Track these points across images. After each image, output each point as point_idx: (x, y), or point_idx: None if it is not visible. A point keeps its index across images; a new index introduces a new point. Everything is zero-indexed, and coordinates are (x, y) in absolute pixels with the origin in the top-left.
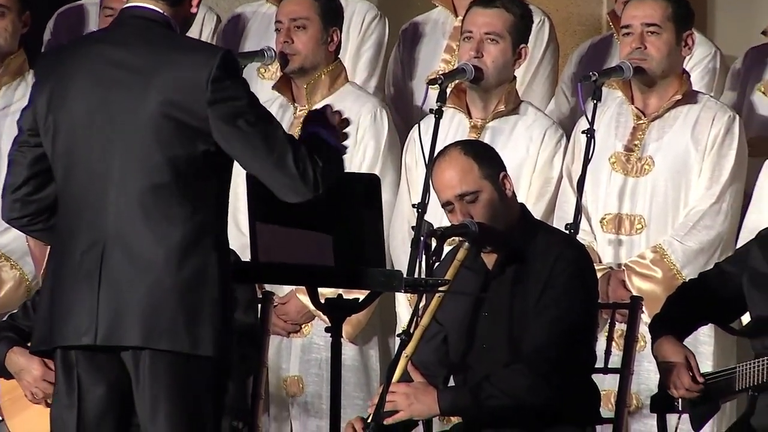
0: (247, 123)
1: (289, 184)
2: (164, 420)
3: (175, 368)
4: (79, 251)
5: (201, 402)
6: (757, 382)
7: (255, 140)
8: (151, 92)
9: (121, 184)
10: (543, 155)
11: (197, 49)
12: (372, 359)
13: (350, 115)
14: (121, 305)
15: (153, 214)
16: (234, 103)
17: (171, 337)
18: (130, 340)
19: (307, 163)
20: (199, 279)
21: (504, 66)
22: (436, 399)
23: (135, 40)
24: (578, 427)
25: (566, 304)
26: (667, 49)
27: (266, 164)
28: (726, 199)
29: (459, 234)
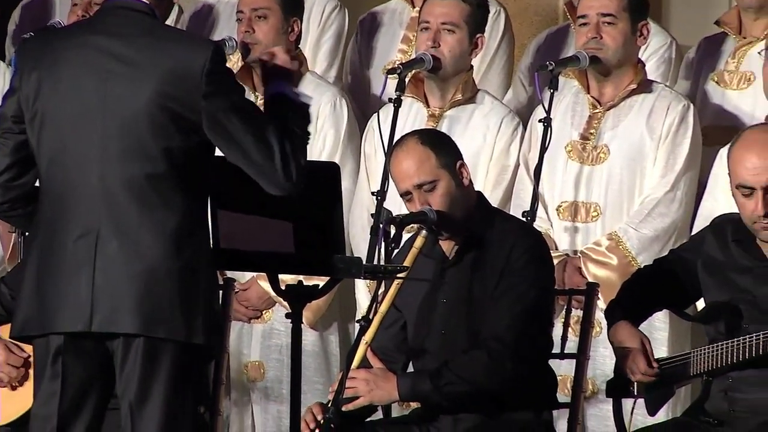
0: (238, 117)
1: (273, 181)
2: (156, 406)
3: (170, 355)
4: (71, 239)
5: (190, 388)
6: (711, 367)
7: (244, 137)
8: (145, 83)
9: (115, 173)
10: (500, 143)
11: (190, 42)
12: (332, 345)
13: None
14: (117, 293)
15: (148, 203)
16: (227, 96)
17: (168, 326)
18: (126, 328)
19: (291, 162)
20: (193, 267)
21: (461, 55)
22: (396, 385)
23: (128, 30)
24: (535, 412)
25: (523, 291)
26: (623, 38)
27: (253, 162)
28: (680, 187)
29: (418, 221)
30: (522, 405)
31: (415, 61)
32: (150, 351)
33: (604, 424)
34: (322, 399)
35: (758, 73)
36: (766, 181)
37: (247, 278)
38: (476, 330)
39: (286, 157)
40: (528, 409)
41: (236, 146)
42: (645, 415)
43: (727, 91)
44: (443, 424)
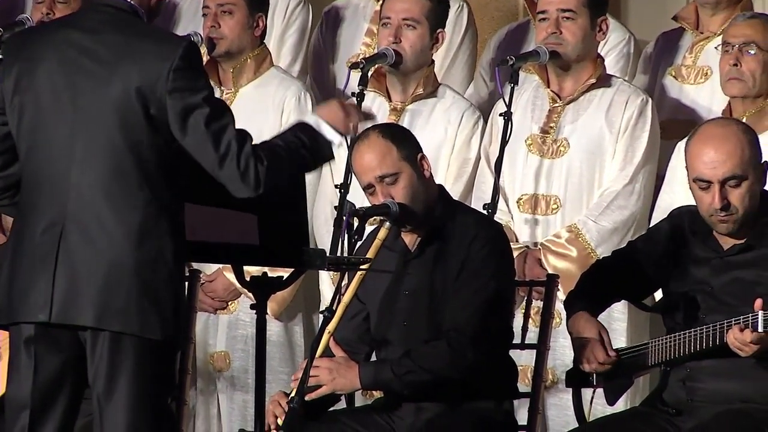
0: (200, 117)
1: (231, 182)
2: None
3: (133, 348)
4: (38, 230)
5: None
6: (669, 357)
7: (204, 135)
8: (116, 79)
9: (83, 166)
10: (461, 137)
11: (163, 39)
12: (296, 335)
13: (275, 98)
14: (76, 285)
15: (114, 197)
16: (191, 94)
17: (124, 320)
18: (83, 320)
19: (251, 163)
20: (155, 262)
21: (422, 51)
22: (358, 374)
23: (104, 27)
24: (496, 401)
25: (484, 282)
26: (582, 34)
27: (212, 160)
28: (639, 179)
29: (380, 214)
30: (483, 394)
31: (377, 56)
32: (114, 344)
33: (564, 414)
34: (286, 388)
35: (715, 67)
36: (722, 175)
37: (212, 270)
38: (438, 321)
39: (245, 158)
40: (489, 399)
41: (197, 144)
42: (604, 404)
43: (684, 86)
44: (405, 413)
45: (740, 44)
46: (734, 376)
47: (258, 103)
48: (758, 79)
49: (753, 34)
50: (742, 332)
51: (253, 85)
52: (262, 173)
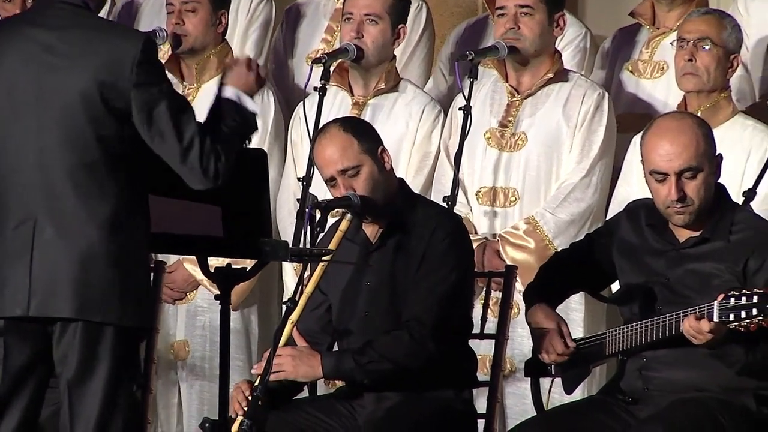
0: (163, 110)
1: (191, 176)
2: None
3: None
4: (9, 227)
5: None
6: (625, 347)
7: (167, 129)
8: (80, 74)
9: (52, 161)
10: (421, 131)
11: (123, 33)
12: (253, 324)
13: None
14: (53, 279)
15: (84, 190)
16: (155, 88)
17: (103, 310)
18: (63, 312)
19: (211, 157)
20: (128, 253)
21: (383, 46)
22: (320, 362)
23: (64, 23)
24: (455, 390)
25: (443, 273)
26: (540, 29)
27: (173, 153)
28: (596, 172)
29: (342, 206)
30: (443, 383)
31: (339, 51)
32: (89, 334)
33: (522, 402)
34: (242, 375)
35: (671, 62)
36: (678, 167)
37: (172, 261)
38: (399, 312)
39: (206, 152)
40: (449, 388)
41: (159, 137)
42: (562, 393)
43: (641, 80)
44: (366, 402)
45: (695, 40)
46: (689, 365)
47: None
48: (712, 74)
49: (707, 30)
50: (698, 321)
51: (216, 81)
52: (222, 167)
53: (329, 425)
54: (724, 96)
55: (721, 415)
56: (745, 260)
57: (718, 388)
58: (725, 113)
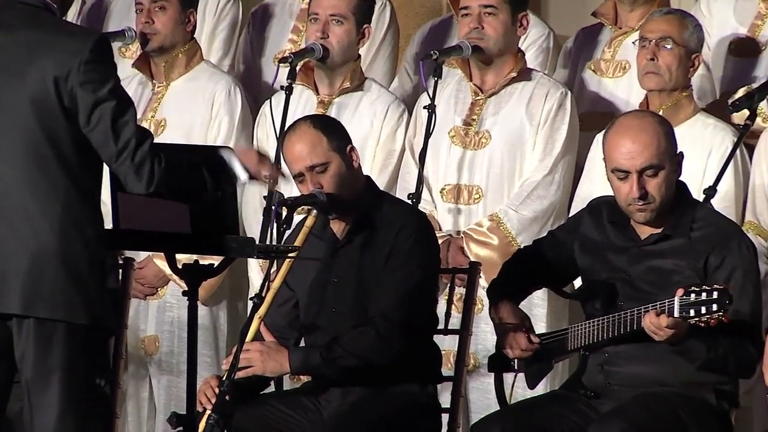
0: (104, 110)
1: (125, 177)
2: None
3: (61, 335)
4: None
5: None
6: (587, 342)
7: (106, 129)
8: (32, 73)
9: (4, 159)
10: (386, 129)
11: (75, 33)
12: (221, 320)
13: (205, 92)
14: (3, 275)
15: (36, 187)
16: (99, 87)
17: (51, 306)
18: (11, 308)
19: (146, 161)
20: (79, 249)
21: (349, 45)
22: (288, 358)
23: (18, 23)
24: (420, 385)
25: (409, 270)
26: (503, 29)
27: (110, 153)
28: (558, 170)
29: (308, 203)
30: (408, 378)
31: (305, 51)
32: (41, 330)
33: (486, 397)
34: (210, 371)
35: (633, 61)
36: (640, 165)
37: (143, 257)
38: (365, 307)
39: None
40: (413, 382)
41: (98, 136)
42: (525, 388)
43: (603, 79)
44: (332, 397)
45: (657, 39)
46: (650, 360)
47: (189, 96)
48: (674, 73)
49: (669, 30)
50: (658, 317)
51: (184, 79)
52: (157, 172)
53: (295, 419)
54: (686, 95)
55: (682, 409)
56: (706, 257)
57: (678, 382)
58: (686, 112)
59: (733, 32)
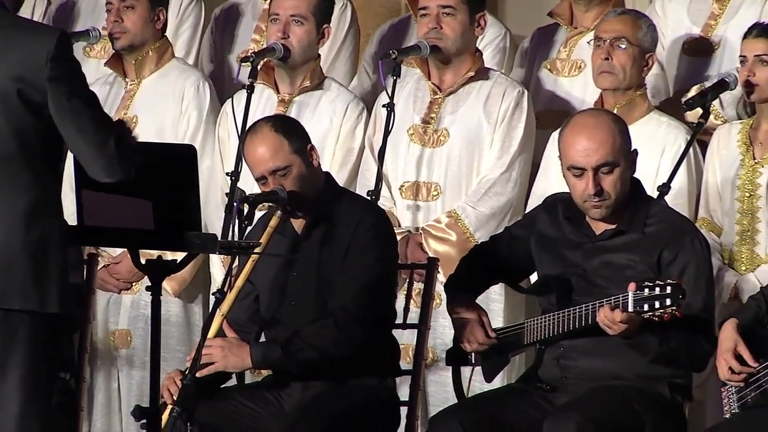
0: (79, 102)
1: (106, 165)
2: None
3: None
4: None
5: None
6: (543, 337)
7: (84, 119)
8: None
9: None
10: (345, 127)
11: (37, 29)
12: (195, 315)
13: (175, 88)
14: None
15: (1, 182)
16: (69, 81)
17: (21, 297)
18: None
19: (124, 149)
20: (44, 243)
21: (309, 45)
22: (249, 353)
23: None
24: (379, 378)
25: (368, 264)
26: (461, 29)
27: (90, 143)
28: (515, 167)
29: (269, 200)
30: (367, 372)
31: (266, 50)
32: (7, 322)
33: (444, 390)
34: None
35: (588, 61)
36: (596, 162)
37: (117, 252)
38: (325, 301)
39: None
40: (373, 376)
41: (75, 129)
42: (482, 381)
43: (559, 78)
44: (294, 390)
45: (611, 39)
46: (605, 354)
47: (160, 92)
48: (628, 72)
49: (623, 30)
50: (613, 311)
51: (155, 76)
52: (127, 164)
53: (257, 413)
54: (640, 93)
55: (636, 402)
56: (660, 252)
57: (633, 376)
58: (641, 110)
59: (686, 32)
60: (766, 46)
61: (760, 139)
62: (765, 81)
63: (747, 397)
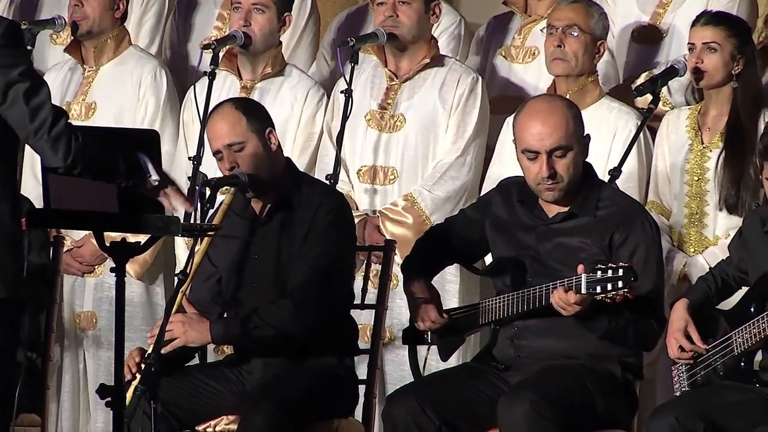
0: (19, 91)
1: (43, 153)
2: None
3: None
4: None
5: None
6: (498, 317)
7: (22, 109)
8: None
9: None
10: (306, 112)
11: None
12: (157, 296)
13: (133, 75)
14: None
15: None
16: (12, 70)
17: None
18: None
19: (63, 136)
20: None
21: (270, 33)
22: (209, 329)
23: None
24: (338, 358)
25: (326, 247)
26: (417, 17)
27: (27, 132)
28: (470, 152)
29: (231, 184)
30: (326, 351)
31: (228, 38)
32: None
33: (401, 369)
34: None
35: (542, 48)
36: (549, 146)
37: (80, 236)
38: (284, 282)
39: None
40: (332, 355)
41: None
42: (438, 360)
43: (513, 65)
44: (254, 369)
45: (564, 27)
46: (558, 334)
47: (117, 79)
48: (580, 59)
49: (576, 18)
50: (566, 293)
51: (113, 63)
52: (75, 147)
53: (218, 390)
54: (592, 80)
55: (588, 380)
56: (611, 234)
57: (585, 355)
58: (593, 96)
59: (636, 20)
60: (713, 34)
61: (709, 124)
62: (713, 68)
63: (697, 375)
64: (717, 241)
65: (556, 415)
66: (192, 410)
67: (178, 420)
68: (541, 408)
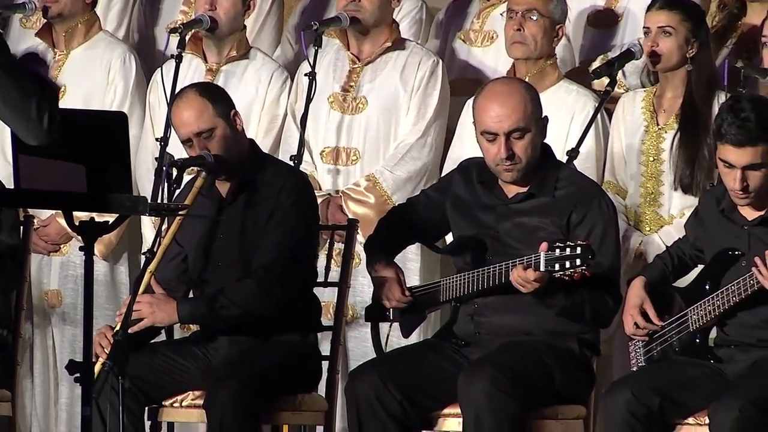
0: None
1: (28, 129)
2: None
3: None
4: None
5: None
6: (459, 294)
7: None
8: None
9: None
10: (270, 95)
11: None
12: (121, 274)
13: (102, 60)
14: None
15: None
16: None
17: None
18: None
19: (46, 112)
20: None
21: (235, 17)
22: (176, 308)
23: None
24: (302, 335)
25: (290, 226)
26: (379, 1)
27: (11, 108)
28: (431, 133)
29: (197, 164)
30: (290, 328)
31: (194, 22)
32: None
33: (363, 345)
34: (112, 323)
35: (501, 32)
36: (508, 128)
37: (46, 215)
38: (249, 262)
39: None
40: (296, 332)
41: None
42: (399, 337)
43: (472, 48)
44: (220, 345)
45: (523, 11)
46: (516, 311)
47: (87, 63)
48: (539, 42)
49: (535, 2)
50: (525, 271)
51: (83, 47)
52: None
53: (185, 366)
54: (550, 63)
55: (547, 356)
56: (569, 214)
57: (543, 332)
58: (551, 79)
59: (591, 4)
60: (668, 18)
61: (664, 106)
62: (668, 51)
63: (653, 352)
64: (672, 220)
65: (515, 391)
66: (159, 386)
67: (146, 395)
68: (500, 383)
